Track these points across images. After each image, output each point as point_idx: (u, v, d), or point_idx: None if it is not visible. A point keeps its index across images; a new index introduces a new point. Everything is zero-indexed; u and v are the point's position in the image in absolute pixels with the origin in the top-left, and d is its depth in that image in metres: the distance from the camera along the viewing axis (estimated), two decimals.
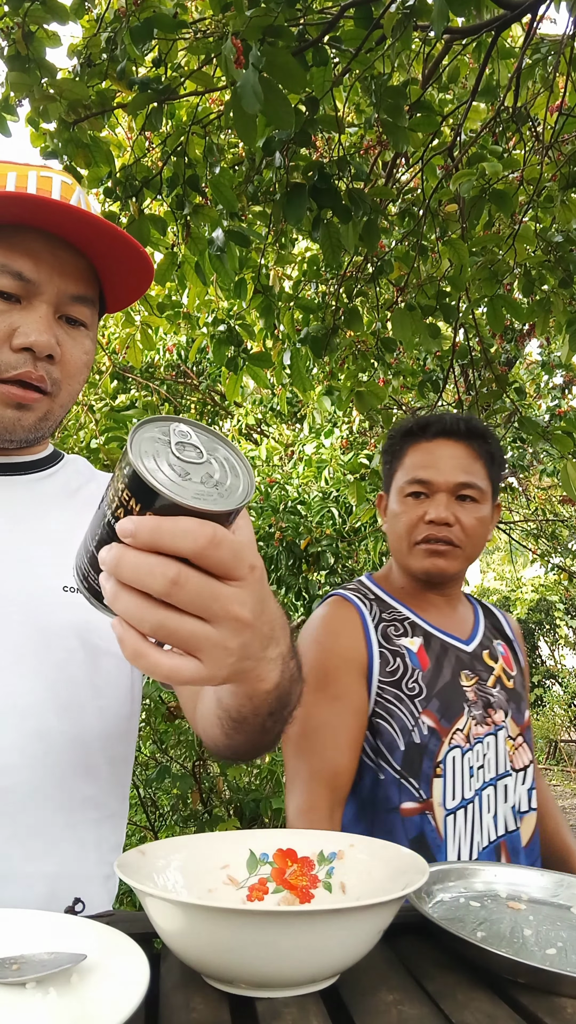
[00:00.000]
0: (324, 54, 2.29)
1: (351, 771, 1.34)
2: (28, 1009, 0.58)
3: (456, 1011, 0.62)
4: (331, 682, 1.36)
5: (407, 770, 1.34)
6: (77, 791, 0.94)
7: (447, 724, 1.38)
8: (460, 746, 1.37)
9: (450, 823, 1.33)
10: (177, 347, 7.00)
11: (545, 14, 2.45)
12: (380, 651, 1.40)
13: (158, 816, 4.15)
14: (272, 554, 6.07)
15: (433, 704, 1.38)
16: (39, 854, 0.90)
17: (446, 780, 1.34)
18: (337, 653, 1.39)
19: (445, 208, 2.85)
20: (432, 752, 1.35)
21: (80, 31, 2.67)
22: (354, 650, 1.39)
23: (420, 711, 1.37)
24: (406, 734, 1.35)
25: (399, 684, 1.38)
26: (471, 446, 1.47)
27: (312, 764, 1.32)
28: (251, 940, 0.60)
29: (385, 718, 1.36)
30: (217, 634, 0.54)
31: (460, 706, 1.40)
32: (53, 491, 1.03)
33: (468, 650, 1.48)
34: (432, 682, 1.40)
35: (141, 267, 0.95)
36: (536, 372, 7.23)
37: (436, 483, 1.44)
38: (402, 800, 1.33)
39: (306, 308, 3.22)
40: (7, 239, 0.88)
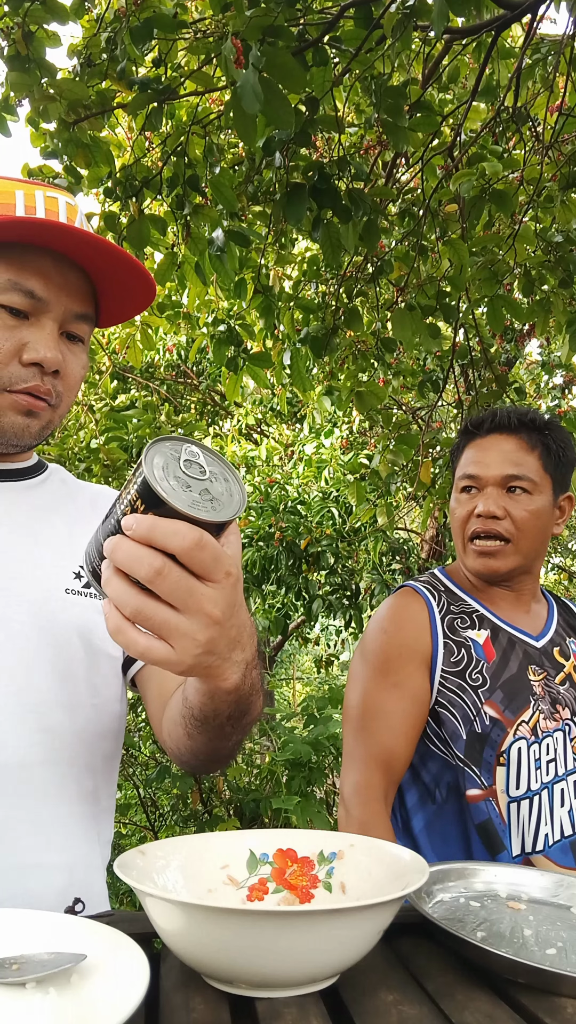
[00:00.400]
0: (324, 54, 2.29)
1: (406, 756, 1.38)
2: (28, 1009, 0.58)
3: (456, 1011, 0.62)
4: (393, 669, 1.41)
5: (470, 758, 1.37)
6: (82, 785, 0.98)
7: (511, 716, 1.39)
8: (525, 738, 1.39)
9: (513, 810, 1.36)
10: (177, 347, 7.00)
11: (545, 14, 2.45)
12: (444, 642, 1.42)
13: (158, 816, 4.15)
14: (272, 554, 6.07)
15: (497, 695, 1.39)
16: (58, 845, 0.94)
17: (509, 769, 1.37)
18: (401, 642, 1.43)
19: (445, 208, 2.84)
20: (495, 742, 1.37)
21: (80, 31, 2.67)
22: (418, 640, 1.42)
23: (483, 701, 1.39)
24: (468, 723, 1.38)
25: (462, 675, 1.40)
26: (523, 438, 1.46)
27: (369, 746, 1.37)
28: (251, 940, 0.60)
29: (447, 708, 1.39)
30: (188, 624, 0.62)
31: (526, 699, 1.41)
32: (48, 497, 1.07)
33: (537, 646, 1.48)
34: (497, 674, 1.41)
35: (143, 286, 1.00)
36: (536, 372, 7.23)
37: (484, 477, 1.45)
38: (467, 787, 1.37)
39: (306, 308, 3.22)
40: (18, 258, 0.92)
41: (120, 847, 3.97)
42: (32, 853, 0.91)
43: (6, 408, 0.94)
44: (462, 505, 1.48)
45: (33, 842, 0.92)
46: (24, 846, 0.91)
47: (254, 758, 4.41)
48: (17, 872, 0.90)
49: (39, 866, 0.92)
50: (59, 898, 0.92)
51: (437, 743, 1.40)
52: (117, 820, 4.24)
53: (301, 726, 4.08)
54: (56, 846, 0.93)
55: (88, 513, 1.07)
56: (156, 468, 0.60)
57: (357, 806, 1.33)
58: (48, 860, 0.92)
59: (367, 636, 1.48)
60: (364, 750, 1.38)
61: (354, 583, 6.44)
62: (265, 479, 6.66)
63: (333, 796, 4.21)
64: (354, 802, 1.34)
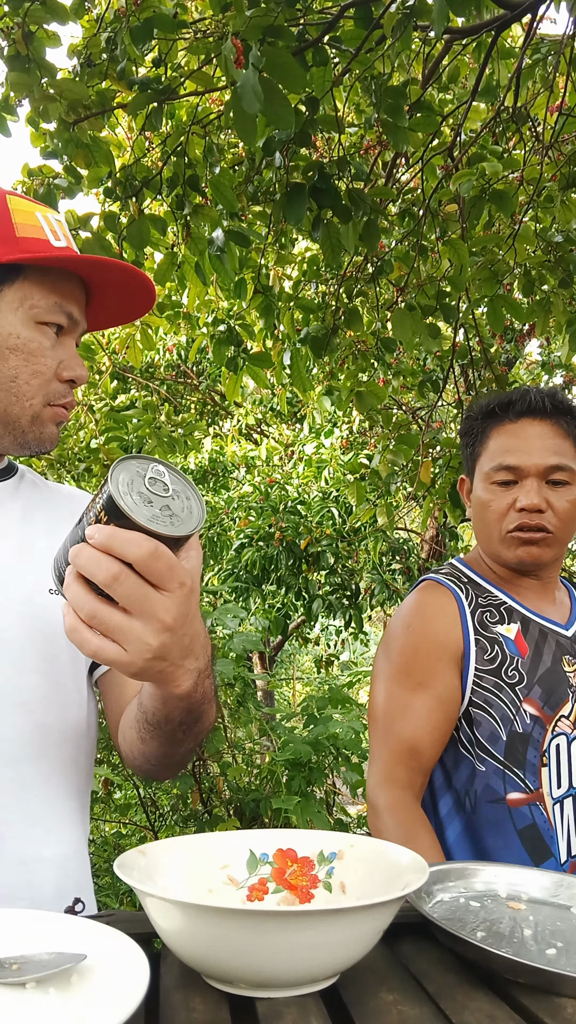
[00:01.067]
0: (324, 54, 2.29)
1: (432, 753, 1.31)
2: (28, 1009, 0.58)
3: (456, 1011, 0.62)
4: (418, 668, 1.33)
5: (511, 760, 1.29)
6: (70, 781, 1.00)
7: (551, 711, 1.32)
8: (565, 733, 1.32)
9: (557, 812, 1.29)
10: (177, 347, 7.00)
11: (545, 14, 2.45)
12: (476, 639, 1.34)
13: (158, 816, 4.15)
14: (272, 554, 6.07)
15: (535, 692, 1.32)
16: (53, 840, 0.96)
17: (550, 769, 1.30)
18: (429, 638, 1.34)
19: (445, 208, 2.85)
20: (537, 741, 1.30)
21: (80, 31, 2.67)
22: (448, 637, 1.34)
23: (521, 699, 1.31)
24: (508, 723, 1.30)
25: (498, 673, 1.32)
26: (559, 424, 1.37)
27: (391, 743, 1.31)
28: (251, 940, 0.60)
29: (484, 708, 1.31)
30: (141, 629, 0.67)
31: (564, 692, 1.34)
32: (26, 498, 1.09)
33: (568, 634, 1.41)
34: (533, 669, 1.34)
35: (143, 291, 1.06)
36: (536, 372, 7.23)
37: (525, 468, 1.35)
38: (508, 791, 1.29)
39: (306, 308, 3.22)
40: (58, 284, 0.98)
41: (120, 847, 3.96)
42: (31, 848, 0.93)
43: (48, 420, 1.01)
44: (498, 498, 1.36)
45: (32, 837, 0.93)
46: (24, 841, 0.93)
47: (254, 758, 4.41)
48: (19, 867, 0.92)
49: (39, 860, 0.93)
50: (57, 892, 0.94)
51: (468, 747, 1.32)
52: (117, 820, 4.24)
53: (301, 726, 4.08)
54: (52, 841, 0.96)
55: (65, 515, 1.09)
56: (121, 484, 0.65)
57: (381, 796, 1.28)
58: (47, 854, 0.94)
59: (391, 632, 1.40)
60: (387, 749, 1.32)
61: (354, 583, 6.45)
62: (265, 479, 6.66)
63: (333, 796, 4.21)
64: (378, 793, 1.29)
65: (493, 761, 1.30)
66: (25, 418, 0.99)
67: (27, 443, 1.01)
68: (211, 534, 6.61)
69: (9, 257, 0.94)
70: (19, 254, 0.94)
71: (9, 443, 1.01)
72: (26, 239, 0.96)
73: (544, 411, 1.37)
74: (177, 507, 0.68)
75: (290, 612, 6.91)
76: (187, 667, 0.74)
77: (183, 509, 0.68)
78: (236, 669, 3.45)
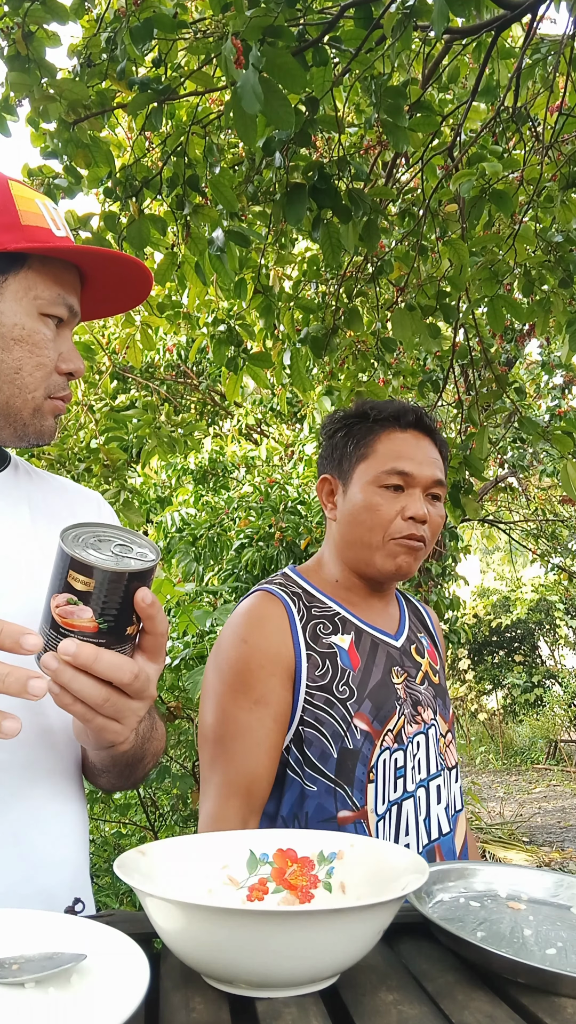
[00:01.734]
0: (324, 54, 2.29)
1: (269, 778, 1.26)
2: (28, 1009, 0.58)
3: (456, 1011, 0.62)
4: (254, 684, 1.27)
5: (341, 778, 1.25)
6: (74, 783, 1.01)
7: (379, 726, 1.30)
8: (389, 747, 1.30)
9: (380, 829, 1.26)
10: (177, 347, 7.00)
11: (545, 14, 2.45)
12: (308, 653, 1.30)
13: (158, 816, 4.15)
14: (272, 554, 6.06)
15: (366, 706, 1.29)
16: (63, 842, 0.96)
17: (376, 785, 1.27)
18: (263, 652, 1.28)
19: (445, 208, 2.85)
20: (366, 757, 1.27)
21: (80, 31, 2.67)
22: (281, 651, 1.29)
23: (352, 715, 1.28)
24: (338, 740, 1.26)
25: (329, 688, 1.28)
26: (435, 442, 1.41)
27: (227, 771, 1.25)
28: (251, 940, 0.60)
29: (315, 726, 1.27)
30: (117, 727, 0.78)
31: (392, 705, 1.32)
32: (23, 489, 1.07)
33: (397, 645, 1.39)
34: (364, 682, 1.31)
35: (140, 279, 1.05)
36: (536, 372, 7.23)
37: (417, 477, 1.35)
38: (339, 809, 1.25)
39: (306, 308, 3.22)
40: (60, 275, 0.97)
41: (120, 847, 3.96)
42: (44, 851, 0.93)
43: (47, 412, 1.00)
44: (388, 503, 1.34)
45: (44, 840, 0.94)
46: (37, 845, 0.93)
47: None
48: (33, 871, 0.92)
49: (51, 864, 0.94)
50: (67, 894, 0.94)
51: (296, 768, 1.27)
52: (117, 820, 4.24)
53: None
54: (61, 843, 0.96)
55: (60, 506, 1.09)
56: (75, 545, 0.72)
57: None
58: (58, 857, 0.95)
59: (222, 646, 1.33)
60: (221, 776, 1.25)
61: None
62: (265, 479, 6.66)
63: None
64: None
65: (324, 780, 1.25)
66: (27, 410, 0.98)
67: (27, 435, 1.00)
68: (211, 534, 6.61)
69: (15, 246, 0.92)
70: (24, 243, 0.93)
71: (8, 435, 0.99)
72: (31, 228, 0.94)
73: (427, 428, 1.40)
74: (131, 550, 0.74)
75: None
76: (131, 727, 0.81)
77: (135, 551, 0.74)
78: None
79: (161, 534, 6.62)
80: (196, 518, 6.71)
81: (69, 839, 0.97)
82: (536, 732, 11.82)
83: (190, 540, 6.53)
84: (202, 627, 3.65)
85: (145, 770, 1.03)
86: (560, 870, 5.14)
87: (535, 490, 8.88)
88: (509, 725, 12.62)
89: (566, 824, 7.94)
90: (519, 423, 3.13)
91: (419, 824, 1.30)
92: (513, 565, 14.43)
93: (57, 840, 0.95)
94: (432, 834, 1.31)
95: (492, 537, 10.74)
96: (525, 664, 13.27)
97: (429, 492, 1.37)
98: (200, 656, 3.57)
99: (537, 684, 12.57)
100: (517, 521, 9.55)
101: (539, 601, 13.22)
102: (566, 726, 11.86)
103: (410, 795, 1.30)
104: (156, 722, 1.03)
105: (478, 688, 13.26)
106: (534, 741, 11.73)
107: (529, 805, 8.88)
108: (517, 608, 13.44)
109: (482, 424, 3.12)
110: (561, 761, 11.00)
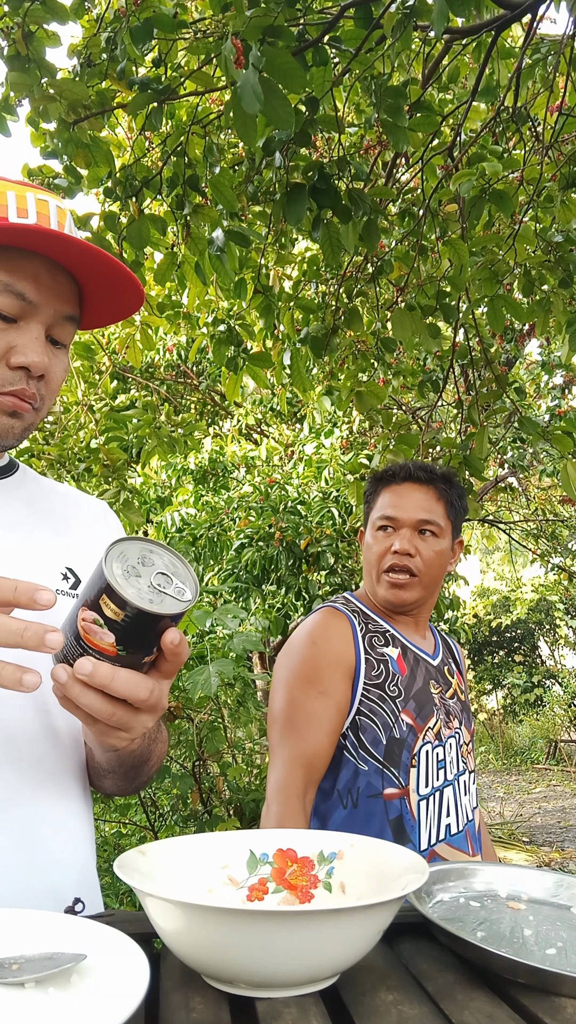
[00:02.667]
0: (324, 54, 2.29)
1: (327, 757, 1.54)
2: (28, 1009, 0.58)
3: (456, 1011, 0.62)
4: (321, 678, 1.56)
5: (389, 760, 1.55)
6: (80, 781, 1.01)
7: (421, 722, 1.60)
8: (431, 742, 1.61)
9: (422, 807, 1.56)
10: (177, 347, 7.00)
11: (545, 14, 2.45)
12: (366, 658, 1.60)
13: (158, 816, 4.15)
14: (272, 554, 6.07)
15: (411, 705, 1.60)
16: (71, 841, 0.96)
17: (419, 770, 1.57)
18: (330, 653, 1.59)
19: (445, 208, 2.85)
20: (409, 746, 1.57)
21: (80, 31, 2.67)
22: (344, 654, 1.59)
23: (400, 710, 1.58)
24: (388, 730, 1.56)
25: (382, 687, 1.59)
26: (434, 489, 1.70)
27: (295, 746, 1.52)
28: (251, 940, 0.60)
29: (369, 716, 1.56)
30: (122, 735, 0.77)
31: (431, 708, 1.63)
32: (28, 496, 1.07)
33: (434, 663, 1.71)
34: (409, 686, 1.62)
35: (131, 291, 1.00)
36: (536, 372, 7.23)
37: (401, 519, 1.67)
38: (385, 787, 1.54)
39: (306, 308, 3.22)
40: (12, 262, 0.92)
41: (120, 847, 3.96)
42: (48, 849, 0.93)
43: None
44: (379, 542, 1.68)
45: (49, 838, 0.94)
46: (42, 842, 0.93)
47: (254, 758, 4.41)
48: (37, 868, 0.91)
49: (55, 862, 0.94)
50: (72, 893, 0.94)
51: (352, 751, 1.56)
52: (117, 820, 4.24)
53: None
54: (66, 841, 0.96)
55: (65, 512, 1.08)
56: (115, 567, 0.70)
57: (276, 802, 1.48)
58: (62, 855, 0.95)
59: (294, 647, 1.62)
60: (289, 750, 1.52)
61: (354, 583, 6.44)
62: (265, 479, 6.66)
63: None
64: (275, 798, 1.48)
65: (374, 761, 1.55)
66: None
67: None
68: (211, 534, 6.61)
69: None
70: None
71: None
72: None
73: (420, 479, 1.70)
74: (171, 583, 0.72)
75: (290, 612, 6.91)
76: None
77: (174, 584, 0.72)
78: (236, 669, 3.45)
79: (161, 534, 6.62)
80: (196, 518, 6.71)
81: (74, 838, 0.97)
82: (536, 732, 11.83)
83: (190, 540, 6.54)
84: (202, 627, 3.65)
85: (149, 773, 1.03)
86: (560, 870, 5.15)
87: (535, 490, 8.88)
88: (509, 725, 12.63)
89: (566, 824, 7.94)
90: (519, 423, 3.14)
91: (454, 810, 1.62)
92: (513, 565, 14.44)
93: (62, 838, 0.95)
94: (464, 819, 1.63)
95: (492, 537, 10.74)
96: (525, 664, 13.27)
97: (420, 529, 1.67)
98: (200, 656, 3.57)
99: (537, 684, 12.58)
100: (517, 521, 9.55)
101: (539, 601, 13.23)
102: (566, 726, 11.86)
103: (449, 783, 1.62)
104: (161, 725, 1.03)
105: (478, 688, 13.26)
106: (534, 741, 11.73)
107: (529, 805, 8.88)
108: (517, 608, 13.44)
109: (482, 424, 3.12)
110: (561, 761, 11.00)
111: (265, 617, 6.35)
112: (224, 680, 3.44)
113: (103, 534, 1.11)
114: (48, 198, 0.96)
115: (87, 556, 1.04)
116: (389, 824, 1.53)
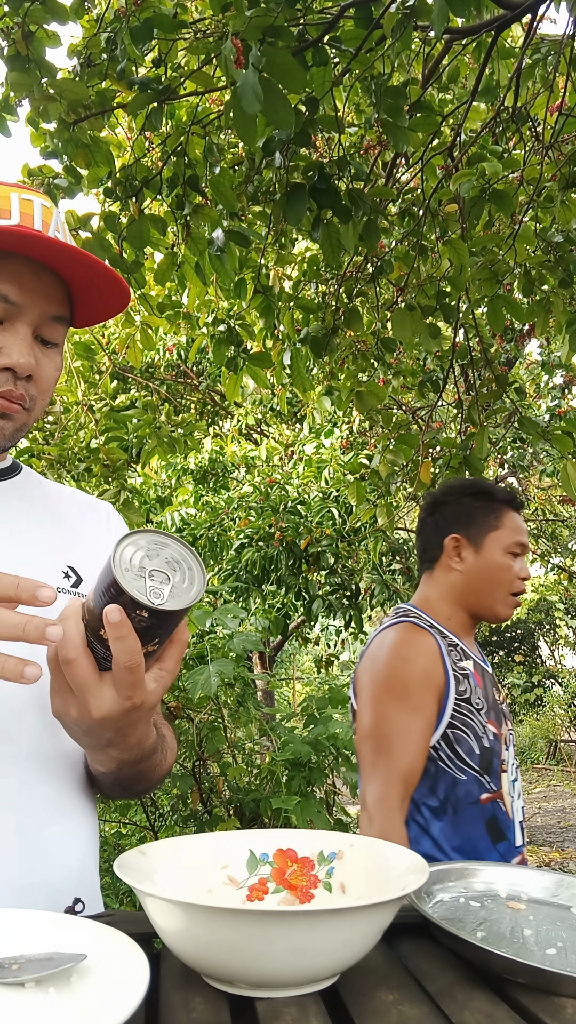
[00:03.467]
0: (324, 54, 2.29)
1: (420, 771, 1.59)
2: (28, 1009, 0.58)
3: (456, 1011, 0.62)
4: (412, 696, 1.60)
5: (483, 768, 1.62)
6: (82, 777, 1.01)
7: (500, 729, 1.70)
8: (507, 746, 1.71)
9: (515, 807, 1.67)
10: (177, 347, 7.00)
11: (545, 14, 2.45)
12: (454, 674, 1.66)
13: (158, 816, 4.15)
14: (272, 554, 6.07)
15: (491, 715, 1.69)
16: (69, 837, 0.96)
17: (508, 774, 1.68)
18: (420, 669, 1.63)
19: (445, 208, 2.84)
20: (498, 752, 1.66)
21: (80, 31, 2.67)
22: (434, 671, 1.63)
23: (486, 721, 1.66)
24: (479, 740, 1.63)
25: (470, 700, 1.66)
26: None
27: (391, 763, 1.57)
28: (251, 940, 0.60)
29: (463, 729, 1.63)
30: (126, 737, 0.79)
31: (501, 715, 1.73)
32: (30, 497, 1.07)
33: (489, 671, 1.80)
34: (486, 696, 1.70)
35: (117, 291, 0.99)
36: (536, 372, 7.23)
37: (527, 548, 1.81)
38: (480, 792, 1.62)
39: (306, 308, 3.22)
40: None
41: (120, 847, 3.97)
42: (49, 846, 0.93)
43: None
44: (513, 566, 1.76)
45: (55, 833, 0.94)
46: (43, 839, 0.93)
47: (254, 758, 4.41)
48: (37, 864, 0.91)
49: (56, 860, 0.94)
50: (72, 891, 0.94)
51: (448, 763, 1.61)
52: (117, 820, 4.24)
53: (301, 726, 4.08)
54: (67, 839, 0.96)
55: (68, 515, 1.08)
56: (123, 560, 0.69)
57: (379, 815, 1.53)
58: (63, 853, 0.95)
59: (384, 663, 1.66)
60: (385, 766, 1.56)
61: (354, 583, 6.45)
62: (265, 479, 6.66)
63: (333, 796, 4.21)
64: (377, 811, 1.54)
65: (471, 770, 1.61)
66: None
67: None
68: (211, 534, 6.61)
69: None
70: None
71: None
72: None
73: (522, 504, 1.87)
74: (178, 579, 0.71)
75: (290, 612, 6.91)
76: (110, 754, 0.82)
77: (183, 580, 0.71)
78: (236, 669, 3.45)
79: None
80: (196, 518, 6.72)
81: (75, 837, 0.97)
82: (536, 732, 11.83)
83: (190, 540, 6.53)
84: (202, 627, 3.65)
85: (150, 784, 1.02)
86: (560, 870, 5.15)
87: (535, 490, 8.87)
88: None
89: (566, 824, 7.94)
90: (519, 423, 3.14)
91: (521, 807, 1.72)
92: None
93: (63, 835, 0.95)
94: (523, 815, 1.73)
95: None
96: (525, 664, 13.27)
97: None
98: (200, 656, 3.57)
99: (537, 684, 12.57)
100: None
101: (539, 601, 13.22)
102: (566, 726, 11.86)
103: (517, 780, 1.73)
104: (166, 739, 1.01)
105: None
106: (534, 741, 11.73)
107: (529, 805, 8.88)
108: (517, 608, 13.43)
109: (482, 424, 3.12)
110: (561, 761, 11.00)
111: (265, 617, 6.35)
112: (224, 680, 3.44)
113: (106, 535, 1.11)
114: (33, 197, 0.95)
115: (89, 555, 1.04)
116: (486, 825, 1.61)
